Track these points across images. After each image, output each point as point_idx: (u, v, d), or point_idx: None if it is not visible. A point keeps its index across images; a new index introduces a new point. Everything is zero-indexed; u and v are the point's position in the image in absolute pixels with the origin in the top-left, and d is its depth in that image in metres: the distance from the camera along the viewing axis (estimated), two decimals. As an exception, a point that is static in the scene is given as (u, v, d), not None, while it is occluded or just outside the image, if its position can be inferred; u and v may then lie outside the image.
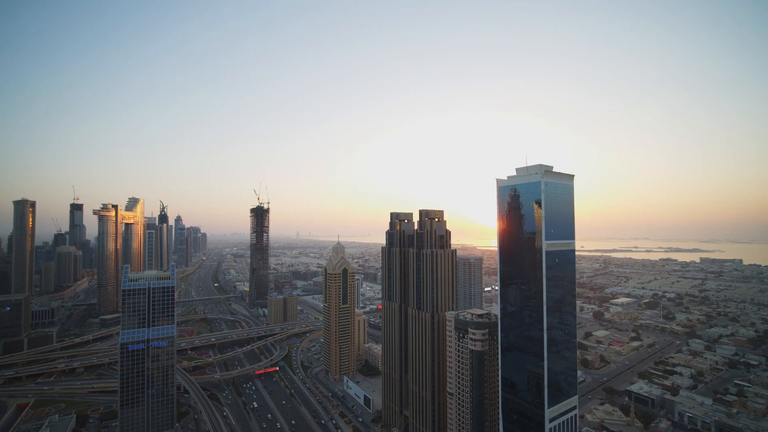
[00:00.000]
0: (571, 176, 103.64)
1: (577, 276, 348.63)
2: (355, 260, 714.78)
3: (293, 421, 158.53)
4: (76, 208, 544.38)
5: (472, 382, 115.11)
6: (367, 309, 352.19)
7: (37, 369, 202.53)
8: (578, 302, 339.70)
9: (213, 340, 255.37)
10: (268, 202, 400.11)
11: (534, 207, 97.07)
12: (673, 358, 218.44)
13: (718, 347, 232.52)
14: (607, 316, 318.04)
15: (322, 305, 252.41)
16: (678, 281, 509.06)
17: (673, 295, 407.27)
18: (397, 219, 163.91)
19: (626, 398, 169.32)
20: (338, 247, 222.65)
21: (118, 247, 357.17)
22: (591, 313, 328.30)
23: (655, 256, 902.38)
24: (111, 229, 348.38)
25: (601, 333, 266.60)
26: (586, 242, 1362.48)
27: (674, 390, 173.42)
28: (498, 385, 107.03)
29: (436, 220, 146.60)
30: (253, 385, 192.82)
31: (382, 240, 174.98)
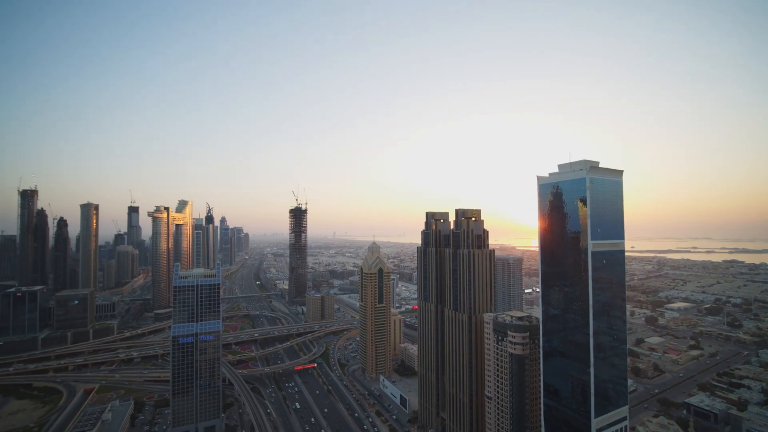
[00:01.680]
0: (620, 172, 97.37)
1: (628, 278, 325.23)
2: (391, 260, 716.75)
3: (327, 411, 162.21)
4: (133, 211, 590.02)
5: (511, 386, 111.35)
6: (403, 309, 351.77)
7: (101, 358, 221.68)
8: (628, 306, 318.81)
9: (256, 335, 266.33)
10: (306, 203, 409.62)
11: (578, 205, 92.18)
12: (739, 369, 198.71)
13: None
14: (661, 321, 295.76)
15: (358, 304, 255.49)
16: (745, 285, 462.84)
17: (739, 301, 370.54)
18: (432, 219, 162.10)
19: (684, 411, 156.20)
20: (374, 247, 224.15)
21: (170, 246, 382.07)
22: (643, 318, 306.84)
23: (717, 258, 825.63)
24: (163, 229, 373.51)
25: (654, 340, 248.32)
26: (637, 242, 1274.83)
27: (741, 405, 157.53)
28: (540, 391, 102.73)
29: (473, 219, 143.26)
30: (293, 380, 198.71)
31: (417, 240, 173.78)
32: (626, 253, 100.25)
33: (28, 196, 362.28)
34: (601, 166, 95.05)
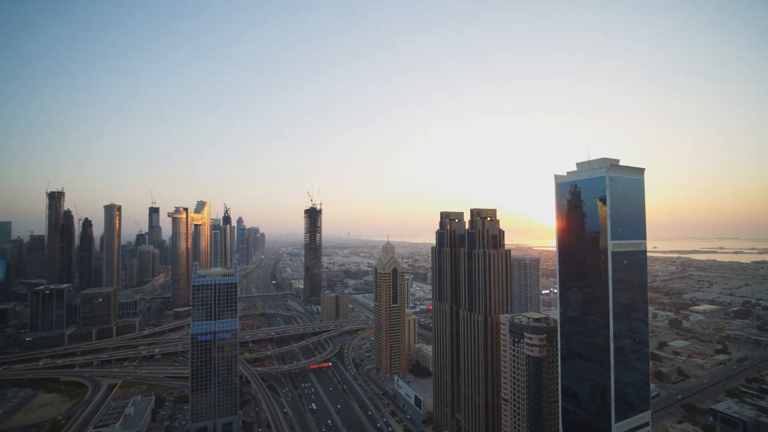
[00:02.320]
0: (641, 170, 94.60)
1: (650, 279, 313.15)
2: (405, 260, 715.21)
3: (339, 407, 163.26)
4: (153, 211, 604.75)
5: (528, 389, 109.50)
6: (417, 309, 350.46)
7: (124, 354, 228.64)
8: (651, 308, 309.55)
9: (272, 334, 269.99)
10: (321, 203, 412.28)
11: (598, 204, 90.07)
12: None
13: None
14: (685, 324, 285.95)
15: (372, 304, 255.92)
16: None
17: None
18: (447, 219, 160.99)
19: (710, 418, 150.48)
20: (388, 247, 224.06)
21: (189, 246, 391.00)
22: (666, 321, 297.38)
23: (746, 258, 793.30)
24: (183, 229, 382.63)
25: (678, 343, 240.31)
26: (659, 242, 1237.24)
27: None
28: (557, 394, 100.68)
29: (489, 219, 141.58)
30: (308, 379, 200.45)
31: (432, 240, 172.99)
32: (648, 254, 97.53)
33: (55, 198, 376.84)
34: (621, 164, 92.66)
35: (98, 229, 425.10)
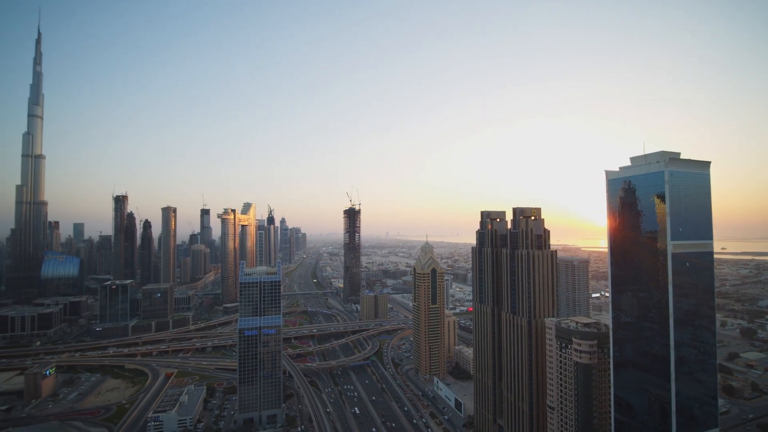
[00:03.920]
0: (707, 163, 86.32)
1: (718, 284, 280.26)
2: (444, 260, 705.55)
3: (374, 398, 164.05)
4: (204, 213, 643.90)
5: (577, 397, 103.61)
6: (457, 310, 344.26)
7: (179, 345, 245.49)
8: (719, 315, 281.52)
9: (314, 331, 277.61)
10: (360, 204, 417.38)
11: (655, 201, 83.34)
12: None
13: None
14: (761, 334, 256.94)
15: (411, 304, 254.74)
16: None
17: None
18: (488, 218, 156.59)
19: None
20: (427, 247, 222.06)
21: (236, 245, 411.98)
22: (738, 330, 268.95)
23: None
24: (230, 230, 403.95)
25: (752, 355, 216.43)
26: (729, 243, 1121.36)
27: None
28: (609, 404, 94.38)
29: (533, 218, 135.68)
30: (348, 376, 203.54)
31: (472, 240, 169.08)
32: (715, 255, 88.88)
33: (120, 201, 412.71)
34: (682, 157, 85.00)
35: (156, 230, 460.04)
